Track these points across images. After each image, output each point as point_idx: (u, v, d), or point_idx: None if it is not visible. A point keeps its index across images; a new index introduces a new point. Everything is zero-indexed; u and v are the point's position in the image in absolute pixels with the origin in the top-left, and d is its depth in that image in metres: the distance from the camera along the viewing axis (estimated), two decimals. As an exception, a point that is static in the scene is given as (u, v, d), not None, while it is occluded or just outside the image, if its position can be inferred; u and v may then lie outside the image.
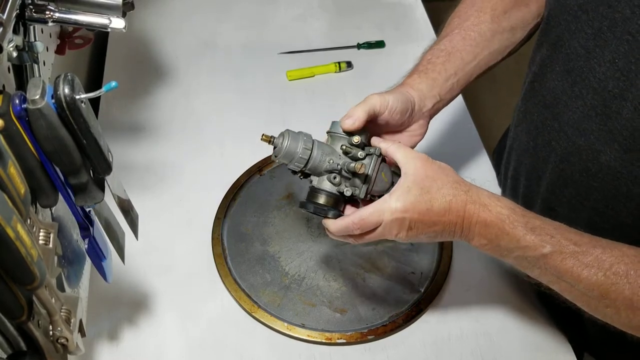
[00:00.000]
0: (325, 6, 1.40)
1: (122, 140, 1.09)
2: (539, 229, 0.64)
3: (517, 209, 0.66)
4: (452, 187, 0.66)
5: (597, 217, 0.74)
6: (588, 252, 0.62)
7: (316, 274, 0.92)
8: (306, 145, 0.70)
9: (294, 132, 0.71)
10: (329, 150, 0.72)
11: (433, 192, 0.66)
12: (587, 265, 0.62)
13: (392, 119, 0.75)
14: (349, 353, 0.85)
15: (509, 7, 0.84)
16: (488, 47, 0.83)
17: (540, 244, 0.64)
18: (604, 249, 0.62)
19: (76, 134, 0.55)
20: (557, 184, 0.79)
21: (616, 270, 0.61)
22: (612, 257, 0.62)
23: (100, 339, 0.85)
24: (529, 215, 0.65)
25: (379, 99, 0.73)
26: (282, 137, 0.70)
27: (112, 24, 0.69)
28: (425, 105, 0.78)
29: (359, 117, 0.71)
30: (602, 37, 0.67)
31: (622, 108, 0.66)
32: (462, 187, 0.67)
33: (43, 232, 0.57)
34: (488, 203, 0.66)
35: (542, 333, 0.87)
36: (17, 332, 0.54)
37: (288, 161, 0.71)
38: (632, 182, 0.68)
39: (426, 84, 0.79)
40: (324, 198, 0.71)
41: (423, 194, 0.66)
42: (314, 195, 0.72)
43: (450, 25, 0.85)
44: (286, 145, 0.70)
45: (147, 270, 0.92)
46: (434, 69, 0.80)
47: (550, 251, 0.63)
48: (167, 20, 1.35)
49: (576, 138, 0.73)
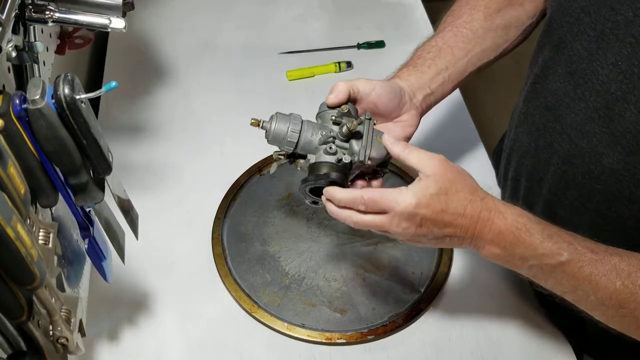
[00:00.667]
0: (325, 6, 1.40)
1: (122, 140, 1.09)
2: (556, 236, 0.63)
3: (533, 217, 0.65)
4: (470, 192, 0.65)
5: (600, 219, 0.74)
6: (605, 260, 0.62)
7: (316, 274, 0.92)
8: (294, 125, 0.70)
9: (282, 115, 0.71)
10: (319, 126, 0.72)
11: (450, 194, 0.64)
12: (604, 273, 0.61)
13: (380, 102, 0.75)
14: (349, 353, 0.85)
15: (503, 6, 0.84)
16: (480, 44, 0.83)
17: (558, 252, 0.63)
18: (621, 257, 0.62)
19: (76, 134, 0.55)
20: (559, 186, 0.79)
21: (634, 279, 0.60)
22: (629, 266, 0.61)
23: (100, 339, 0.85)
24: (545, 223, 0.65)
25: (365, 81, 0.74)
26: (271, 120, 0.71)
27: (112, 24, 0.69)
28: (415, 96, 0.79)
29: (341, 90, 0.72)
30: (605, 39, 0.67)
31: (625, 111, 0.65)
32: (479, 194, 0.66)
33: (43, 232, 0.57)
34: (504, 210, 0.65)
35: (542, 333, 0.87)
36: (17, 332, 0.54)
37: (278, 143, 0.71)
38: (635, 185, 0.67)
39: (415, 76, 0.79)
40: (324, 168, 0.69)
41: (440, 194, 0.64)
42: (312, 169, 0.70)
43: (444, 24, 0.86)
44: (274, 127, 0.70)
45: (147, 270, 0.92)
46: (424, 63, 0.81)
47: (567, 259, 0.62)
48: (167, 20, 1.35)
49: (579, 140, 0.72)
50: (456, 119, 1.15)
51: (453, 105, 1.16)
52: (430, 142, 1.10)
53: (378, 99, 0.75)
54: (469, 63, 0.82)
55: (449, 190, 0.64)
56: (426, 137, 1.10)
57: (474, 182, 0.67)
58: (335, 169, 0.69)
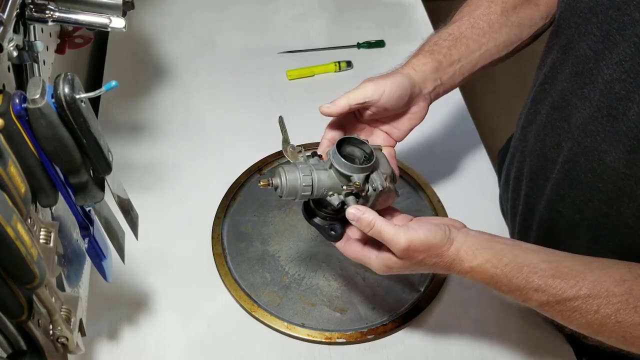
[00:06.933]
0: (325, 5, 1.40)
1: (122, 140, 1.09)
2: (523, 285, 0.66)
3: (499, 270, 0.66)
4: (435, 263, 0.68)
5: (601, 218, 0.74)
6: (575, 297, 0.64)
7: (316, 274, 0.92)
8: (305, 180, 0.68)
9: (287, 167, 0.70)
10: (329, 183, 0.70)
11: (416, 265, 0.68)
12: (575, 309, 0.64)
13: (389, 105, 0.75)
14: (348, 352, 0.85)
15: (519, 3, 0.85)
16: (495, 39, 0.83)
17: (527, 298, 0.66)
18: (590, 291, 0.64)
19: (76, 133, 0.55)
20: (563, 185, 0.79)
21: (604, 312, 0.63)
22: (598, 299, 0.63)
23: (100, 338, 0.85)
24: (512, 275, 0.66)
25: (373, 88, 0.74)
26: (279, 176, 0.69)
27: (112, 24, 0.69)
28: (426, 87, 0.79)
29: (338, 104, 0.73)
30: (611, 39, 0.67)
31: (628, 110, 0.66)
32: (444, 262, 0.68)
33: (43, 231, 0.57)
34: (470, 270, 0.67)
35: (542, 333, 0.87)
36: (17, 332, 0.54)
37: (294, 197, 0.69)
38: (636, 183, 0.68)
39: (431, 65, 0.79)
40: (327, 217, 0.73)
41: (405, 266, 0.68)
42: (316, 212, 0.73)
43: (461, 13, 0.86)
44: (286, 185, 0.68)
45: (147, 270, 0.92)
46: (440, 51, 0.81)
47: (537, 304, 0.66)
48: (167, 19, 1.35)
49: (582, 139, 0.73)
50: (456, 119, 1.15)
51: (453, 105, 1.17)
52: (431, 142, 1.10)
53: (387, 103, 0.75)
54: (481, 57, 0.83)
55: (414, 268, 0.69)
56: (427, 137, 1.10)
57: (440, 251, 0.67)
58: (335, 216, 0.72)
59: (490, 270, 0.66)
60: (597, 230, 0.75)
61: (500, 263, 0.66)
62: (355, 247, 0.72)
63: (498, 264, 0.66)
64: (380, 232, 0.67)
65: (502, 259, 0.66)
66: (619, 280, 0.64)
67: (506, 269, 0.66)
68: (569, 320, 0.66)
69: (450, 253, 0.67)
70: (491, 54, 0.84)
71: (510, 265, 0.66)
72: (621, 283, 0.63)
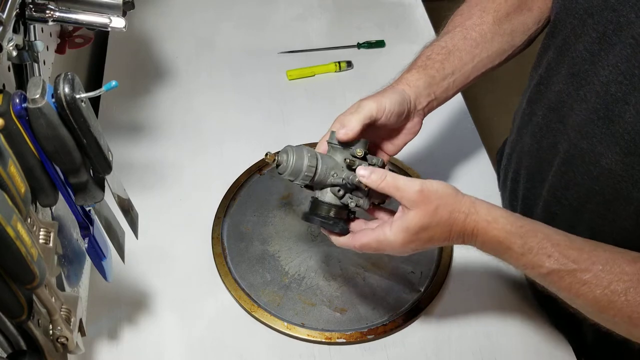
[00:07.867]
0: (325, 6, 1.40)
1: (122, 140, 1.09)
2: (537, 249, 0.64)
3: (518, 224, 0.65)
4: (451, 213, 0.66)
5: (598, 219, 0.74)
6: (587, 269, 0.62)
7: (316, 274, 0.92)
8: (310, 161, 0.69)
9: (296, 148, 0.69)
10: (332, 163, 0.71)
11: (431, 228, 0.66)
12: (585, 282, 0.62)
13: (389, 122, 0.74)
14: (348, 352, 0.85)
15: (512, 10, 0.83)
16: (487, 49, 0.82)
17: (539, 264, 0.64)
18: (603, 266, 0.62)
19: (76, 133, 0.55)
20: (559, 187, 0.79)
21: (614, 288, 0.61)
22: (611, 275, 0.62)
23: (100, 338, 0.85)
24: (527, 236, 0.65)
25: (375, 105, 0.72)
26: (286, 154, 0.69)
27: (113, 24, 0.69)
28: (420, 102, 0.78)
29: (353, 127, 0.70)
30: (607, 40, 0.67)
31: (624, 112, 0.66)
32: (462, 211, 0.66)
33: (43, 231, 0.57)
34: (486, 226, 0.65)
35: (542, 333, 0.87)
36: (17, 332, 0.54)
37: (294, 177, 0.69)
38: (633, 185, 0.68)
39: (424, 80, 0.78)
40: (330, 210, 0.71)
41: (422, 231, 0.66)
42: (318, 207, 0.72)
43: (453, 23, 0.85)
44: (292, 163, 0.68)
45: (147, 269, 0.92)
46: (433, 65, 0.80)
47: (548, 271, 0.64)
48: (167, 19, 1.35)
49: (578, 141, 0.73)
50: (456, 119, 1.15)
51: (453, 105, 1.16)
52: (431, 143, 1.10)
53: (388, 120, 0.74)
54: (474, 69, 0.82)
55: (430, 225, 0.65)
56: (427, 137, 1.10)
57: (455, 199, 0.66)
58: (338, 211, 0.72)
59: (506, 227, 0.65)
60: (594, 232, 0.74)
61: (516, 223, 0.65)
62: (366, 232, 0.69)
63: (514, 223, 0.65)
64: (394, 179, 0.65)
65: (517, 221, 0.65)
66: (631, 260, 0.62)
67: (522, 230, 0.65)
68: (575, 295, 0.63)
69: (465, 201, 0.66)
70: (484, 65, 0.83)
71: (526, 227, 0.65)
72: (633, 263, 0.62)
